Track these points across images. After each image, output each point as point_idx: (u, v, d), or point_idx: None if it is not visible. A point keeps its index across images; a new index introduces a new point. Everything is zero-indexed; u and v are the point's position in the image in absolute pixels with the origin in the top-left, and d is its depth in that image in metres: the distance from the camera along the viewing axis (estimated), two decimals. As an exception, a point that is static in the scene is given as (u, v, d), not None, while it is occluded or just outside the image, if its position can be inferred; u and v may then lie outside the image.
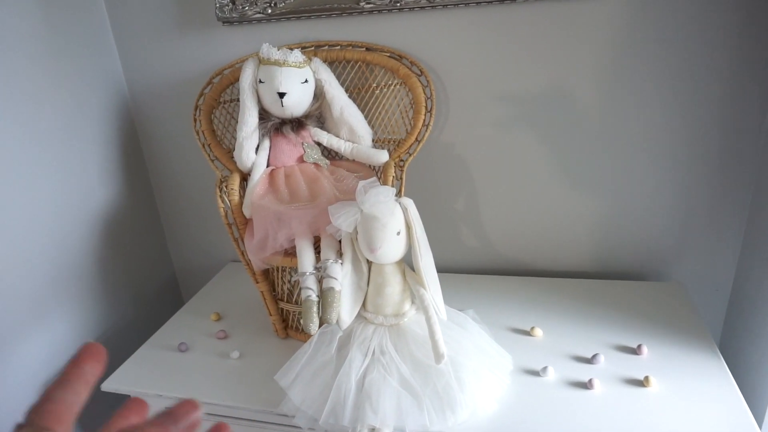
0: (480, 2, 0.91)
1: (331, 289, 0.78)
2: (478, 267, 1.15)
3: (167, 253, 1.33)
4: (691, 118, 0.94)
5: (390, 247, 0.79)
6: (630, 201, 1.03)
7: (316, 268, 0.81)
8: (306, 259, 0.82)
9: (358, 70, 1.00)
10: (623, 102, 0.95)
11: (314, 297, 0.78)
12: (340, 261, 0.82)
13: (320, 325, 0.79)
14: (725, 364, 0.82)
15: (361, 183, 0.80)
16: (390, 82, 0.99)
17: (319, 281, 0.81)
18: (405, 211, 0.79)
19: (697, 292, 1.06)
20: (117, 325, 1.16)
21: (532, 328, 0.93)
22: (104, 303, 1.13)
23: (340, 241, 0.83)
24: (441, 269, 0.82)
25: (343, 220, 0.79)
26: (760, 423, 0.89)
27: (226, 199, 0.89)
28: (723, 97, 0.91)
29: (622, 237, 1.06)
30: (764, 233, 0.93)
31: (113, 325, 1.15)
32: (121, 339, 1.16)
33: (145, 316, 1.23)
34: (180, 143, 1.18)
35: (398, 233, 0.79)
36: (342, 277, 0.81)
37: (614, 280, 1.06)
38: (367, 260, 0.83)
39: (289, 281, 0.93)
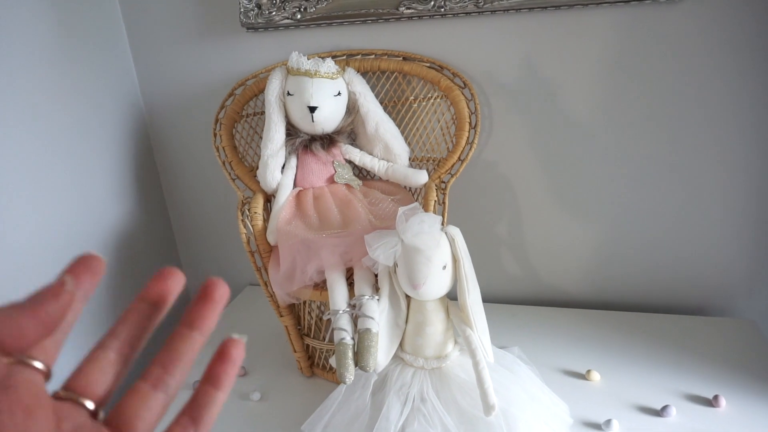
0: (533, 8, 0.82)
1: (368, 330, 0.69)
2: (522, 297, 1.05)
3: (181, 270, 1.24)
4: (762, 143, 0.84)
5: (434, 283, 0.69)
6: (692, 229, 0.92)
7: (350, 305, 0.72)
8: (338, 295, 0.73)
9: (394, 81, 0.91)
10: (691, 120, 0.85)
11: (349, 340, 0.69)
12: (376, 297, 0.73)
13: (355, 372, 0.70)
14: (819, 420, 0.71)
15: (402, 209, 0.71)
16: (429, 95, 0.90)
17: (354, 319, 0.72)
18: (452, 242, 0.70)
19: (764, 328, 0.95)
20: (127, 353, 1.07)
21: (588, 371, 0.83)
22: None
23: (375, 274, 0.74)
24: (482, 299, 0.72)
25: (381, 252, 0.70)
26: None
27: (249, 223, 0.80)
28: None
29: (683, 268, 0.95)
30: None
31: (123, 354, 1.06)
32: (131, 371, 1.07)
33: (156, 343, 1.14)
34: (197, 159, 1.10)
35: (444, 267, 0.69)
36: (378, 316, 0.71)
37: (676, 314, 0.96)
38: (406, 295, 0.74)
39: (317, 315, 0.83)
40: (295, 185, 0.86)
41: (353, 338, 0.69)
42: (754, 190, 0.88)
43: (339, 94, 0.82)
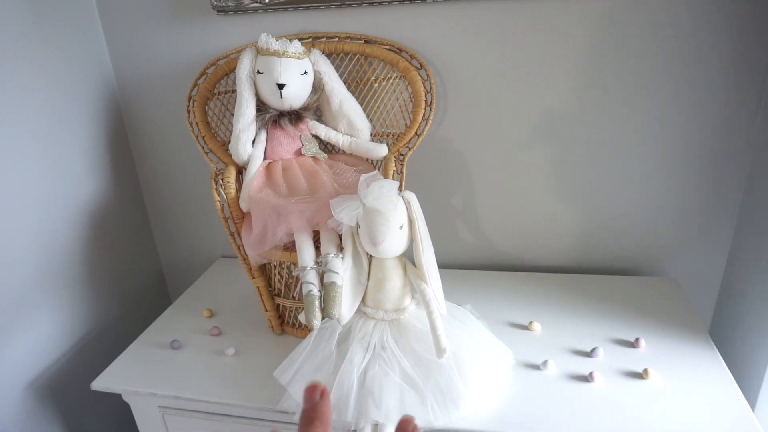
0: (481, -4, 0.91)
1: (333, 283, 0.77)
2: (475, 263, 1.14)
3: (154, 249, 1.29)
4: (684, 118, 0.95)
5: (393, 242, 0.78)
6: (625, 198, 1.04)
7: (317, 263, 0.80)
8: (306, 254, 0.80)
9: (356, 62, 0.99)
10: (617, 103, 0.96)
11: (316, 291, 0.77)
12: (341, 255, 0.81)
13: (322, 320, 0.78)
14: (720, 355, 0.83)
15: (363, 176, 0.79)
16: (389, 76, 0.98)
17: (320, 276, 0.80)
18: (408, 205, 0.79)
19: (689, 287, 1.07)
20: (104, 322, 1.13)
21: (531, 322, 0.93)
22: (90, 299, 1.09)
23: (340, 236, 0.82)
24: (438, 265, 0.81)
25: (345, 214, 0.78)
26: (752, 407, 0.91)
27: (223, 192, 0.87)
28: (715, 96, 0.93)
29: (618, 234, 1.07)
30: (753, 231, 0.95)
31: (100, 323, 1.12)
32: (109, 337, 1.13)
33: (131, 314, 1.20)
34: (168, 136, 1.15)
35: (401, 227, 0.78)
36: (343, 272, 0.79)
37: (608, 275, 1.07)
38: (368, 255, 0.82)
39: (287, 275, 0.91)
40: (265, 158, 0.92)
41: (320, 291, 0.77)
42: (676, 165, 0.99)
43: (305, 73, 0.89)
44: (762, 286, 0.90)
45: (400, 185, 0.89)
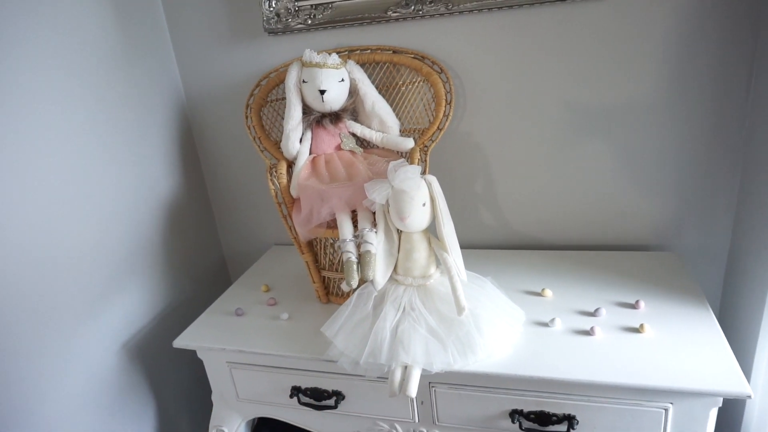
0: (492, 8, 1.06)
1: (368, 252, 0.93)
2: (496, 243, 1.28)
3: (217, 238, 1.49)
4: (685, 95, 1.05)
5: (417, 217, 0.92)
6: (632, 178, 1.15)
7: (355, 236, 0.96)
8: (346, 229, 0.96)
9: (386, 70, 1.15)
10: (622, 82, 1.07)
11: (354, 258, 0.93)
12: (374, 230, 0.96)
13: (359, 283, 0.93)
14: (712, 312, 0.93)
15: (392, 163, 0.95)
16: (414, 80, 1.14)
17: (358, 247, 0.95)
18: (429, 185, 0.93)
19: (695, 262, 1.17)
20: (179, 297, 1.33)
21: (543, 289, 1.06)
22: (168, 278, 1.29)
23: (374, 214, 0.98)
24: (461, 245, 0.95)
25: (377, 195, 0.93)
26: (748, 377, 1.00)
27: (276, 182, 1.05)
28: (715, 72, 1.02)
29: (625, 212, 1.18)
30: (755, 205, 1.04)
31: (176, 298, 1.32)
32: (183, 309, 1.33)
33: (200, 292, 1.40)
34: (227, 140, 1.35)
35: (424, 204, 0.93)
36: (376, 243, 0.95)
37: (619, 251, 1.18)
38: (398, 230, 0.97)
39: (331, 252, 1.07)
40: (310, 153, 1.10)
41: (357, 258, 0.93)
42: (678, 139, 1.10)
43: (342, 80, 1.06)
44: (763, 256, 0.99)
45: (423, 171, 1.04)
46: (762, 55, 0.98)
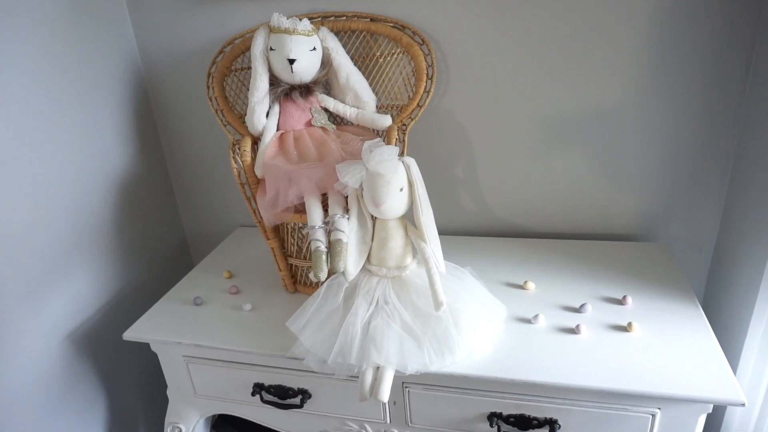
0: (479, -26, 0.96)
1: (339, 240, 0.84)
2: (476, 229, 1.21)
3: (178, 218, 1.39)
4: (676, 84, 0.99)
5: (393, 203, 0.84)
6: (619, 165, 1.09)
7: (325, 222, 0.87)
8: (315, 215, 0.88)
9: (362, 39, 1.05)
10: (610, 71, 1.01)
11: (323, 248, 0.84)
12: (346, 216, 0.88)
13: (329, 275, 0.85)
14: (703, 312, 0.88)
15: (367, 143, 0.86)
16: (393, 51, 1.04)
17: (328, 234, 0.87)
18: (407, 169, 0.85)
19: (682, 253, 1.12)
20: (133, 282, 1.23)
21: (525, 282, 0.99)
22: (121, 261, 1.19)
23: (346, 198, 0.89)
24: (440, 231, 0.87)
25: (350, 177, 0.85)
26: (735, 369, 0.96)
27: (239, 160, 0.95)
28: (706, 61, 0.97)
29: (612, 200, 1.12)
30: (744, 196, 0.99)
31: (130, 283, 1.22)
32: (138, 295, 1.23)
33: (158, 276, 1.30)
34: (191, 110, 1.24)
35: (401, 189, 0.85)
36: (348, 230, 0.87)
37: (603, 240, 1.13)
38: (372, 216, 0.89)
39: (299, 237, 0.99)
40: (278, 128, 1.00)
41: (327, 247, 0.85)
42: (668, 133, 1.04)
43: (314, 49, 0.96)
44: (752, 249, 0.95)
45: (402, 152, 0.96)
46: (762, 44, 0.92)
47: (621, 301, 0.92)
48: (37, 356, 1.00)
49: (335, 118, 1.06)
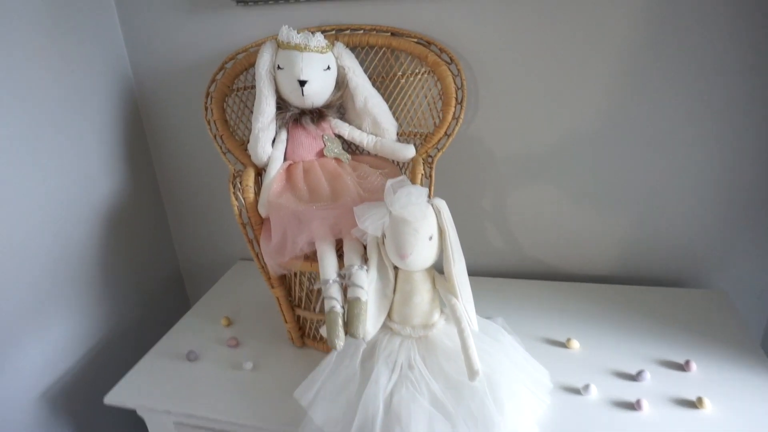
0: (519, -16, 0.83)
1: (358, 299, 0.71)
2: (505, 270, 1.08)
3: (172, 249, 1.25)
4: (735, 115, 0.86)
5: (421, 254, 0.72)
6: (668, 202, 0.96)
7: (340, 275, 0.74)
8: (329, 266, 0.75)
9: (382, 56, 0.92)
10: (664, 104, 0.88)
11: (339, 308, 0.71)
12: (365, 267, 0.75)
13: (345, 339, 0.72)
14: (784, 384, 0.75)
15: (390, 182, 0.73)
16: (417, 71, 0.91)
17: (343, 289, 0.74)
18: (438, 214, 0.72)
19: (739, 299, 0.99)
20: (119, 327, 1.09)
21: (568, 339, 0.86)
22: (106, 302, 1.06)
23: (364, 245, 0.76)
24: (467, 272, 0.75)
25: (370, 223, 0.72)
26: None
27: (241, 196, 0.82)
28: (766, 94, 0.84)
29: (659, 240, 0.99)
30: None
31: (115, 327, 1.08)
32: (124, 343, 1.09)
33: (148, 318, 1.16)
34: (187, 132, 1.11)
35: (430, 238, 0.72)
36: (368, 286, 0.74)
37: (651, 286, 0.99)
38: (394, 266, 0.76)
39: (308, 285, 0.85)
40: (285, 159, 0.87)
41: (343, 307, 0.72)
42: (726, 165, 0.91)
43: (328, 68, 0.83)
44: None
45: (429, 191, 0.83)
46: None
47: (683, 367, 0.79)
48: (6, 417, 0.86)
49: (350, 147, 0.93)
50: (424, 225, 0.71)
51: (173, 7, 0.99)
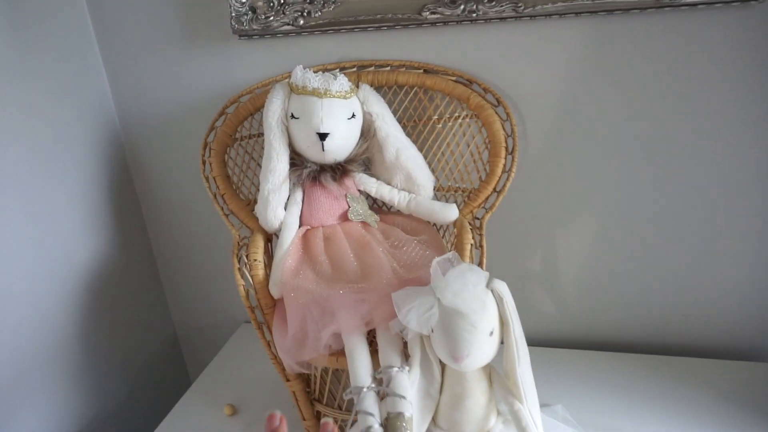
0: (580, 12, 0.69)
1: (401, 415, 0.56)
2: (557, 338, 0.93)
3: (167, 314, 1.10)
4: None
5: (480, 353, 0.57)
6: (748, 257, 0.81)
7: (376, 379, 0.59)
8: (361, 368, 0.59)
9: (414, 97, 0.78)
10: (738, 153, 0.74)
11: (377, 427, 0.56)
12: (407, 368, 0.60)
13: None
14: None
15: (436, 261, 0.59)
16: (456, 114, 0.77)
17: (380, 396, 0.59)
18: (500, 301, 0.58)
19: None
20: (105, 412, 0.93)
21: (649, 438, 0.71)
22: (87, 385, 0.89)
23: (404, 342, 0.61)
24: None
25: (414, 316, 0.57)
26: None
27: (247, 273, 0.67)
28: None
29: (750, 301, 0.84)
30: None
31: (99, 414, 0.92)
32: (114, 428, 0.93)
33: (140, 399, 1.00)
34: (183, 186, 0.96)
35: (491, 333, 0.57)
36: (412, 393, 0.58)
37: (736, 360, 0.84)
38: (441, 361, 0.61)
39: (332, 376, 0.70)
40: (301, 223, 0.72)
41: (382, 424, 0.56)
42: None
43: (353, 116, 0.69)
44: None
45: (481, 263, 0.68)
46: None
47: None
48: None
49: (374, 202, 0.79)
50: (484, 318, 0.56)
51: (164, 43, 0.85)
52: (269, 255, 0.73)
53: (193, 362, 1.13)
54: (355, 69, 0.78)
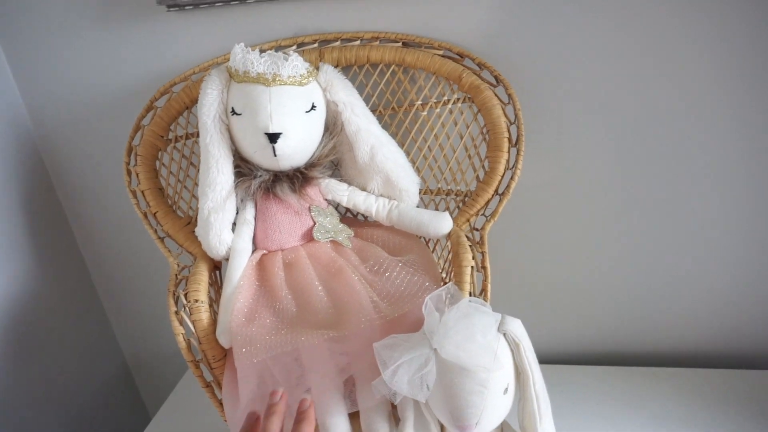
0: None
1: None
2: (569, 354, 0.80)
3: (115, 344, 0.94)
4: None
5: (492, 415, 0.44)
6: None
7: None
8: (338, 439, 0.45)
9: (390, 78, 0.62)
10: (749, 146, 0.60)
11: None
12: (397, 436, 0.46)
13: None
14: None
15: (430, 297, 0.45)
16: (446, 98, 0.61)
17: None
18: (515, 349, 0.44)
19: None
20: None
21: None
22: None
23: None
24: None
25: (404, 376, 0.43)
26: None
27: (187, 319, 0.52)
28: None
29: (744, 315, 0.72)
30: None
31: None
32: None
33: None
34: (114, 198, 0.79)
35: (505, 391, 0.43)
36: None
37: (733, 369, 0.73)
38: (439, 422, 0.47)
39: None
40: (255, 247, 0.57)
41: None
42: None
43: (313, 108, 0.53)
44: None
45: (484, 292, 0.53)
46: None
47: None
48: None
49: (347, 212, 0.64)
50: (497, 375, 0.43)
51: (76, 19, 0.67)
52: (218, 286, 0.58)
53: (150, 395, 0.98)
54: (315, 45, 0.61)
